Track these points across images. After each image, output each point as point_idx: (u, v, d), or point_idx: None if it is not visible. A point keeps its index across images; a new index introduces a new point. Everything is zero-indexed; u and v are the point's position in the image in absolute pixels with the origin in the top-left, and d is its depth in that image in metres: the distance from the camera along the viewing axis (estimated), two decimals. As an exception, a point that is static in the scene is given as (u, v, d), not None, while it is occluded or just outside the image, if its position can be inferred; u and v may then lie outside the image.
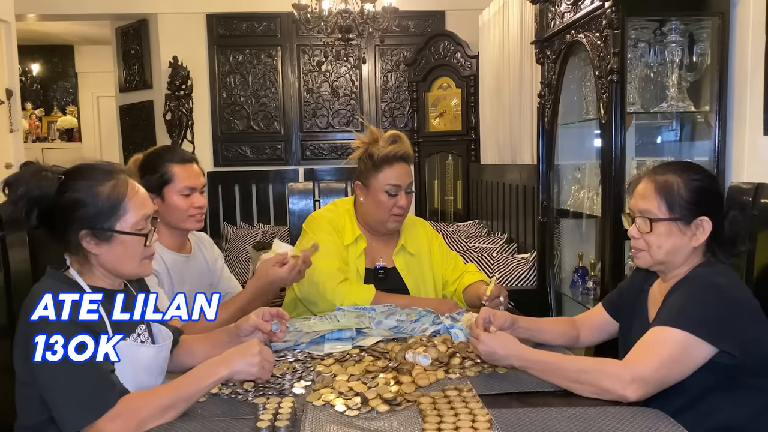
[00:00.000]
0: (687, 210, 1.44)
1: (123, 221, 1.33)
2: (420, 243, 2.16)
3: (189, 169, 1.92)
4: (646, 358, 1.32)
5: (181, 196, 1.89)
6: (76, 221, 1.31)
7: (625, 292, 1.66)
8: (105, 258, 1.34)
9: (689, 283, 1.42)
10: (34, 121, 8.82)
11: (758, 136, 1.99)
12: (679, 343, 1.31)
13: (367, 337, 1.71)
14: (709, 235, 1.44)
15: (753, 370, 1.36)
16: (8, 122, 4.28)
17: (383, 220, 2.06)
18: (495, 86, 4.52)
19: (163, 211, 1.89)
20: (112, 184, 1.33)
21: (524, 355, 1.40)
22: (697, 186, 1.45)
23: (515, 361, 1.41)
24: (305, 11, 4.20)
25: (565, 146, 2.90)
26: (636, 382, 1.29)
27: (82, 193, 1.31)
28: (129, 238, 1.34)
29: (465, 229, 4.51)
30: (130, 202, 1.34)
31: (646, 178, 1.50)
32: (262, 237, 4.91)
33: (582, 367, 1.36)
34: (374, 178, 2.03)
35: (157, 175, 1.88)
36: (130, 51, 6.01)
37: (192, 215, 1.90)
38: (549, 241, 2.99)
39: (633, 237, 1.50)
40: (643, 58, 2.29)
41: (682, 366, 1.32)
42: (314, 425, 1.20)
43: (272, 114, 5.78)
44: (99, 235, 1.32)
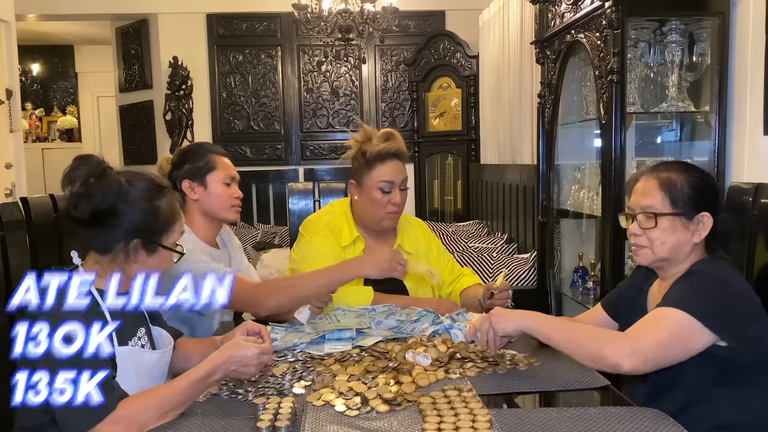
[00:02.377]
0: (689, 206, 1.45)
1: (168, 238, 1.40)
2: (418, 243, 2.16)
3: (226, 161, 1.99)
4: (648, 334, 1.34)
5: (222, 184, 1.94)
6: (132, 229, 1.33)
7: (624, 292, 1.66)
8: (135, 267, 1.35)
9: (692, 276, 1.43)
10: (34, 121, 8.82)
11: (758, 136, 1.99)
12: (680, 323, 1.32)
13: (367, 337, 1.71)
14: (709, 233, 1.46)
15: (753, 368, 1.37)
16: (8, 122, 4.28)
17: (378, 217, 2.06)
18: (495, 86, 4.52)
19: (203, 199, 1.93)
20: (168, 201, 1.39)
21: (531, 317, 1.47)
22: (697, 183, 1.47)
23: (521, 324, 1.46)
24: (305, 11, 4.20)
25: (565, 146, 2.90)
26: (636, 354, 1.30)
27: (141, 202, 1.34)
28: (167, 254, 1.40)
29: (465, 229, 4.51)
30: (176, 222, 1.42)
31: (646, 176, 1.52)
32: (262, 237, 4.91)
33: (586, 332, 1.41)
34: (367, 175, 2.03)
35: (201, 162, 1.93)
36: (130, 51, 6.01)
37: (233, 205, 1.96)
38: (549, 241, 2.99)
39: (634, 234, 1.51)
40: (643, 58, 2.29)
41: (681, 347, 1.33)
42: (314, 425, 1.20)
43: (272, 114, 5.79)
44: (149, 246, 1.36)
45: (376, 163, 2.02)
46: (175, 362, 1.51)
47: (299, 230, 2.13)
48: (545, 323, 1.46)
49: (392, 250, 1.31)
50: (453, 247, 3.82)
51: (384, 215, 2.05)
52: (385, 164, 2.02)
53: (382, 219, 2.06)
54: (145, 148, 6.00)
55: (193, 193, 1.93)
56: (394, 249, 1.30)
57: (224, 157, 1.99)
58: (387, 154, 2.02)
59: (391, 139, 2.04)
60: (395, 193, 2.03)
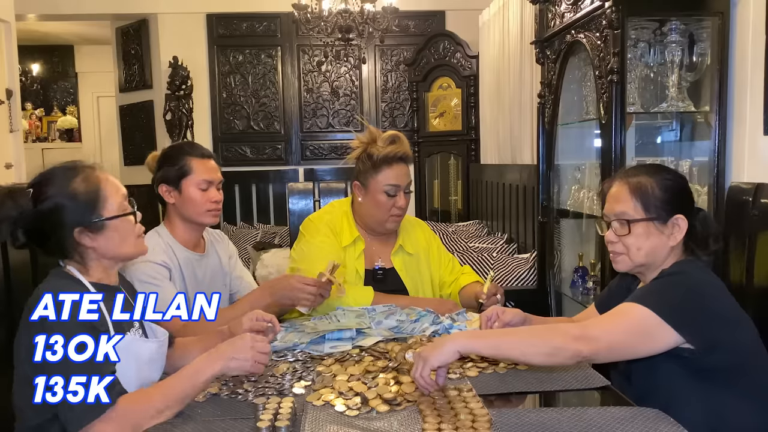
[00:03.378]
0: (662, 209, 1.44)
1: (107, 208, 1.35)
2: (418, 243, 2.16)
3: (207, 163, 1.93)
4: (603, 321, 1.36)
5: (198, 189, 1.90)
6: (66, 224, 1.32)
7: (614, 290, 1.66)
8: (104, 248, 1.35)
9: (665, 276, 1.43)
10: (34, 121, 8.82)
11: (758, 136, 1.99)
12: (641, 318, 1.33)
13: (367, 337, 1.71)
14: (686, 234, 1.45)
15: (723, 371, 1.36)
16: (8, 122, 4.28)
17: (382, 220, 2.06)
18: (495, 86, 4.52)
19: (179, 203, 1.90)
20: (82, 178, 1.35)
21: (467, 336, 1.41)
22: (669, 185, 1.46)
23: (459, 346, 1.30)
24: (305, 11, 4.20)
25: (565, 146, 2.90)
26: (585, 338, 1.30)
27: (58, 196, 1.32)
28: (119, 222, 1.36)
29: (465, 229, 4.51)
30: (106, 188, 1.36)
31: (618, 182, 1.51)
32: (262, 237, 4.91)
33: (532, 330, 1.41)
34: (373, 178, 2.03)
35: (176, 167, 1.90)
36: (130, 51, 6.01)
37: (209, 210, 1.91)
38: (549, 241, 2.99)
39: (611, 242, 1.50)
40: (643, 58, 2.29)
41: (639, 340, 1.33)
42: (314, 425, 1.20)
43: (272, 114, 5.79)
44: (92, 228, 1.33)
45: (382, 166, 2.02)
46: (173, 360, 1.51)
47: (300, 230, 2.14)
48: (483, 335, 1.41)
49: (254, 342, 1.28)
50: (453, 247, 3.82)
51: (388, 218, 2.05)
52: (391, 168, 2.02)
53: (385, 222, 2.06)
54: (145, 148, 5.99)
55: (169, 197, 1.91)
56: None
57: (204, 158, 1.92)
58: (394, 157, 2.02)
59: (397, 142, 2.04)
60: (400, 196, 2.04)
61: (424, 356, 1.28)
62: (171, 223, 1.93)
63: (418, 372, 1.28)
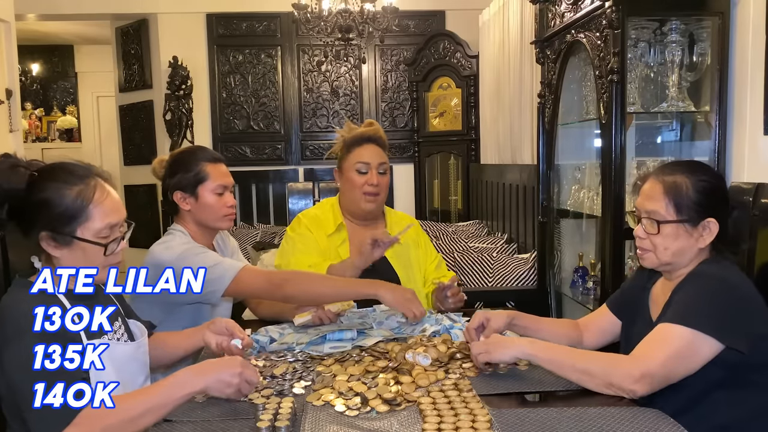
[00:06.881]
0: (695, 212, 1.42)
1: (85, 227, 1.30)
2: (407, 233, 2.18)
3: (220, 168, 1.93)
4: (653, 354, 1.32)
5: (214, 194, 1.90)
6: (39, 221, 1.29)
7: (627, 291, 1.66)
8: (65, 262, 1.31)
9: (696, 279, 1.41)
10: (33, 121, 8.81)
11: (758, 136, 1.99)
12: (685, 339, 1.31)
13: (368, 338, 1.71)
14: (716, 235, 1.44)
15: (758, 368, 1.36)
16: (8, 122, 4.27)
17: (356, 199, 2.11)
18: (495, 86, 4.52)
19: (195, 210, 1.90)
20: (80, 189, 1.30)
21: (529, 343, 1.41)
22: (704, 187, 1.43)
23: (520, 352, 1.40)
24: (305, 11, 4.20)
25: (565, 146, 2.90)
26: (645, 377, 1.29)
27: (48, 193, 1.29)
28: (89, 246, 1.31)
29: (465, 229, 4.51)
30: (96, 209, 1.30)
31: (653, 178, 1.48)
32: (262, 237, 4.90)
33: (591, 359, 1.37)
34: (346, 159, 2.13)
35: (192, 173, 1.89)
36: (130, 51, 6.01)
37: (226, 215, 1.92)
38: (549, 241, 2.99)
39: (639, 237, 1.49)
40: (643, 58, 2.29)
41: (688, 362, 1.32)
42: (314, 425, 1.20)
43: (272, 114, 5.78)
44: (58, 238, 1.30)
45: (353, 146, 2.12)
46: (150, 350, 1.50)
47: None
48: (545, 349, 1.40)
49: (243, 369, 1.27)
50: (453, 247, 3.82)
51: (361, 196, 2.10)
52: (362, 147, 2.11)
53: (359, 200, 2.11)
54: (145, 148, 6.00)
55: (185, 204, 1.90)
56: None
57: (217, 163, 1.93)
58: (363, 137, 2.12)
59: (370, 126, 2.15)
60: (372, 174, 2.10)
61: (490, 349, 1.41)
62: (185, 227, 1.93)
63: (477, 358, 1.43)
